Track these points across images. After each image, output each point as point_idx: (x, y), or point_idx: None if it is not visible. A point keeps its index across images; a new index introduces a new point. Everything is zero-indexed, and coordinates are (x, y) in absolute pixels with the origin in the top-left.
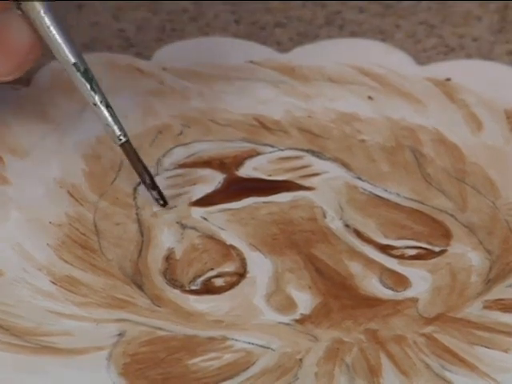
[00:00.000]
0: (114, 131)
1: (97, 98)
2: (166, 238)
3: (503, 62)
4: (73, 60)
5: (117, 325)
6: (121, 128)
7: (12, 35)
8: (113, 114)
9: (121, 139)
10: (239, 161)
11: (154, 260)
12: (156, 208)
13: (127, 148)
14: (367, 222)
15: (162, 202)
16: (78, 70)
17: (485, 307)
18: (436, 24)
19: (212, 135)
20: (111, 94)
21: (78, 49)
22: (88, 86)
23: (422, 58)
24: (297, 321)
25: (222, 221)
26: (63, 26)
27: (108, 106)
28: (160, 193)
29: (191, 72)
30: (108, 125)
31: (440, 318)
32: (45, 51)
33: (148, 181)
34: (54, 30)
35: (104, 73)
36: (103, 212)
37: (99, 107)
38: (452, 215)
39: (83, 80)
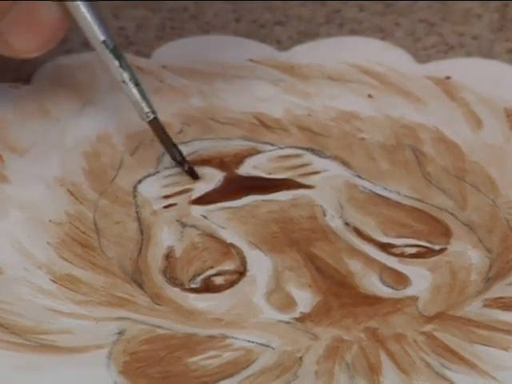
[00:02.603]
0: (142, 108)
1: (125, 76)
2: (165, 237)
3: (503, 60)
4: (102, 38)
5: (117, 323)
6: (149, 105)
7: (40, 12)
8: (141, 92)
9: (149, 116)
10: (239, 159)
11: (154, 258)
12: (156, 206)
13: (156, 125)
14: (367, 220)
15: (193, 177)
16: (107, 48)
17: (485, 305)
18: (436, 22)
19: (212, 133)
20: (111, 92)
21: (107, 26)
22: (117, 64)
23: (421, 56)
24: (297, 319)
25: (221, 219)
26: (92, 4)
27: (137, 84)
28: (190, 167)
29: (191, 70)
30: (137, 102)
31: (440, 316)
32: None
33: (178, 157)
34: (83, 8)
35: (104, 71)
36: (103, 210)
37: (128, 84)
38: (452, 213)
39: (112, 57)
